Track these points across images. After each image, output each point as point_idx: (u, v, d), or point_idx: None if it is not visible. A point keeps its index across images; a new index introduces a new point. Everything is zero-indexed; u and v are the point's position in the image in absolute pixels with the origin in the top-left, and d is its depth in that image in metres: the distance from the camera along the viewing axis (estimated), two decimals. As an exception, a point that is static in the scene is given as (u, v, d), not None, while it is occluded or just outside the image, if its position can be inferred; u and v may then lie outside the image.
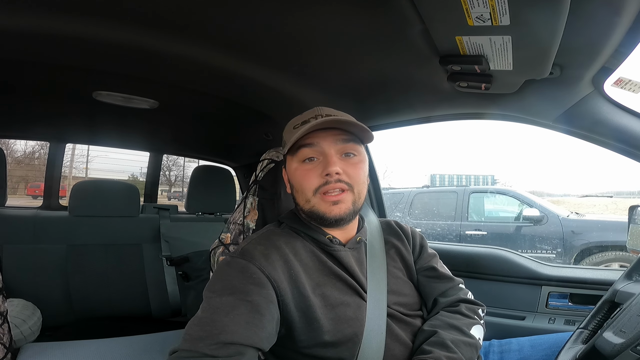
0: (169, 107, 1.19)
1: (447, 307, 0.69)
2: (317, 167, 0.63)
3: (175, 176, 7.10)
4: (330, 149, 0.63)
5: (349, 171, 0.63)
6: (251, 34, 0.72)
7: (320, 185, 0.62)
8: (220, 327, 0.50)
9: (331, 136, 0.64)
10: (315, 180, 0.62)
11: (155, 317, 1.62)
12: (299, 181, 0.64)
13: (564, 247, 3.40)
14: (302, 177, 0.64)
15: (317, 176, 0.62)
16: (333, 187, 0.62)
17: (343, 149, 0.64)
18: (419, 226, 4.00)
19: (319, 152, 0.63)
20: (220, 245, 0.81)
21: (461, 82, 0.77)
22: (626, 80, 0.67)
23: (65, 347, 1.06)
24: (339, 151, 0.64)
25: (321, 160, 0.63)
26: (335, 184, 0.62)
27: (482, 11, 0.53)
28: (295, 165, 0.65)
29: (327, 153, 0.63)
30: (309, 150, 0.64)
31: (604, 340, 0.52)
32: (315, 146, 0.63)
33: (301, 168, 0.64)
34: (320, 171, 0.62)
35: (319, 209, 0.63)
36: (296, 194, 0.66)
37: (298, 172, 0.64)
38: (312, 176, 0.63)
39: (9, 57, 0.80)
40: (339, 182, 0.62)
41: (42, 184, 1.80)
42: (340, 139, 0.64)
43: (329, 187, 0.62)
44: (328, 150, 0.63)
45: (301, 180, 0.64)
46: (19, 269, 1.42)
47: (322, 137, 0.63)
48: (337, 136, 0.64)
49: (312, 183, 0.62)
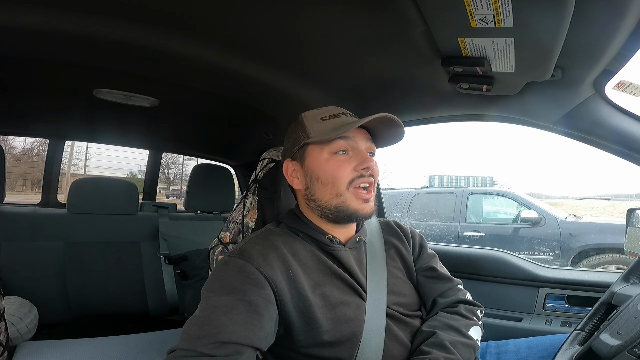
0: (169, 105, 1.18)
1: (446, 308, 0.70)
2: (351, 160, 0.64)
3: (174, 174, 7.09)
4: (363, 145, 0.65)
5: (374, 169, 0.65)
6: (253, 32, 0.72)
7: (354, 177, 0.63)
8: (218, 327, 0.49)
9: (362, 134, 0.66)
10: (349, 173, 0.63)
11: (152, 316, 1.62)
12: (331, 172, 0.63)
13: (562, 249, 3.41)
14: (337, 168, 0.63)
15: (351, 169, 0.63)
16: (366, 181, 0.63)
17: (369, 148, 0.67)
18: (418, 227, 4.00)
19: (352, 146, 0.65)
20: (219, 244, 0.81)
21: (463, 83, 0.77)
22: (627, 83, 0.68)
23: (62, 346, 1.05)
24: (366, 149, 0.66)
25: (352, 154, 0.64)
26: (368, 177, 0.63)
27: (486, 13, 0.53)
28: (326, 155, 0.64)
29: (360, 149, 0.65)
30: (344, 142, 0.64)
31: (600, 342, 0.52)
32: (351, 140, 0.64)
33: (334, 159, 0.64)
34: (354, 164, 0.63)
35: (350, 205, 0.63)
36: (321, 187, 0.64)
37: (331, 162, 0.64)
38: (346, 168, 0.63)
39: (10, 54, 0.79)
40: (371, 176, 0.64)
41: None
42: (367, 137, 0.67)
43: (362, 180, 0.63)
44: (362, 146, 0.65)
45: (335, 170, 0.63)
46: (16, 267, 1.41)
47: (355, 133, 0.65)
48: (365, 135, 0.67)
49: (347, 175, 0.63)
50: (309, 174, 0.66)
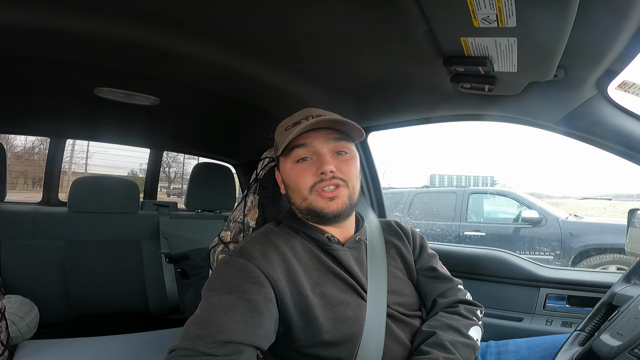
0: (170, 104, 1.19)
1: (446, 308, 0.70)
2: (311, 166, 0.64)
3: (175, 173, 7.10)
4: (323, 148, 0.65)
5: (342, 168, 0.64)
6: (253, 32, 0.72)
7: (315, 182, 0.63)
8: (218, 326, 0.49)
9: (323, 136, 0.65)
10: (310, 179, 0.64)
11: (153, 315, 1.62)
12: (294, 180, 0.65)
13: (562, 249, 3.41)
14: (297, 175, 0.65)
15: (311, 175, 0.64)
16: (328, 184, 0.63)
17: (335, 148, 0.66)
18: (418, 226, 4.00)
19: (312, 151, 0.65)
20: (219, 243, 0.81)
21: (464, 83, 0.77)
22: (630, 84, 0.67)
23: (63, 345, 1.05)
24: (331, 150, 0.65)
25: (314, 159, 0.64)
26: (330, 180, 0.63)
27: (488, 12, 0.53)
28: (289, 165, 0.66)
29: (320, 152, 0.64)
30: (302, 150, 0.65)
31: (601, 343, 0.52)
32: (308, 146, 0.65)
33: (295, 168, 0.65)
34: (314, 170, 0.63)
35: (316, 205, 0.63)
36: (292, 193, 0.67)
37: (293, 171, 0.66)
38: (306, 175, 0.64)
39: (11, 53, 0.80)
40: (333, 179, 0.63)
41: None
42: (332, 137, 0.66)
43: (324, 184, 0.63)
44: (321, 150, 0.64)
45: (296, 179, 0.65)
46: (17, 265, 1.42)
47: (314, 137, 0.65)
48: (329, 135, 0.66)
49: (308, 181, 0.64)
50: (285, 181, 0.69)
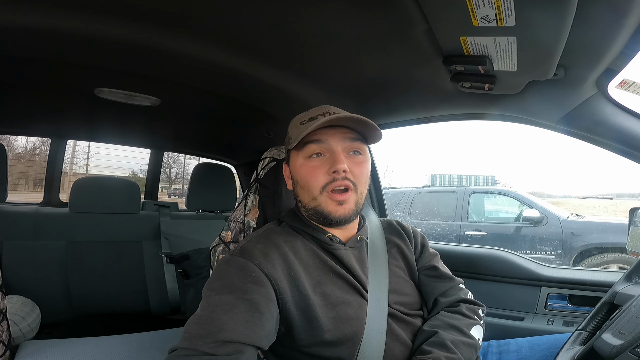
0: (170, 105, 1.19)
1: (447, 307, 0.69)
2: (324, 163, 0.63)
3: (176, 173, 7.11)
4: (338, 146, 0.63)
5: (354, 170, 0.63)
6: (254, 32, 0.72)
7: (327, 182, 0.62)
8: (219, 326, 0.49)
9: (339, 134, 0.64)
10: (322, 178, 0.62)
11: (154, 315, 1.62)
12: (304, 177, 0.64)
13: (564, 249, 3.40)
14: (309, 173, 0.63)
15: (324, 173, 0.62)
16: (340, 184, 0.62)
17: (350, 147, 0.65)
18: (419, 226, 4.00)
19: (326, 148, 0.63)
20: (220, 243, 0.81)
21: (464, 82, 0.77)
22: (630, 82, 0.67)
23: (64, 345, 1.06)
24: (345, 149, 0.64)
25: (328, 157, 0.63)
26: (342, 180, 0.62)
27: (488, 12, 0.53)
28: (301, 161, 0.65)
29: (334, 150, 0.63)
30: (316, 146, 0.63)
31: (602, 342, 0.52)
32: (323, 143, 0.63)
33: (307, 164, 0.64)
34: (327, 168, 0.62)
35: (324, 208, 0.63)
36: (300, 191, 0.66)
37: (304, 168, 0.64)
38: (319, 173, 0.62)
39: (11, 53, 0.80)
40: (345, 179, 0.62)
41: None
42: (347, 137, 0.64)
43: (335, 183, 0.62)
44: (335, 148, 0.63)
45: (307, 176, 0.63)
46: (19, 266, 1.42)
47: (330, 135, 0.63)
48: (344, 134, 0.64)
49: (319, 180, 0.62)
50: (294, 177, 0.67)
